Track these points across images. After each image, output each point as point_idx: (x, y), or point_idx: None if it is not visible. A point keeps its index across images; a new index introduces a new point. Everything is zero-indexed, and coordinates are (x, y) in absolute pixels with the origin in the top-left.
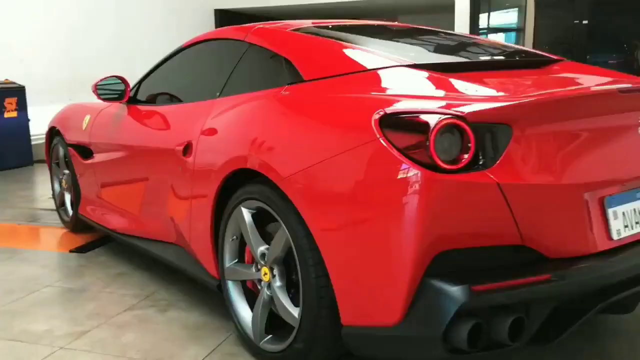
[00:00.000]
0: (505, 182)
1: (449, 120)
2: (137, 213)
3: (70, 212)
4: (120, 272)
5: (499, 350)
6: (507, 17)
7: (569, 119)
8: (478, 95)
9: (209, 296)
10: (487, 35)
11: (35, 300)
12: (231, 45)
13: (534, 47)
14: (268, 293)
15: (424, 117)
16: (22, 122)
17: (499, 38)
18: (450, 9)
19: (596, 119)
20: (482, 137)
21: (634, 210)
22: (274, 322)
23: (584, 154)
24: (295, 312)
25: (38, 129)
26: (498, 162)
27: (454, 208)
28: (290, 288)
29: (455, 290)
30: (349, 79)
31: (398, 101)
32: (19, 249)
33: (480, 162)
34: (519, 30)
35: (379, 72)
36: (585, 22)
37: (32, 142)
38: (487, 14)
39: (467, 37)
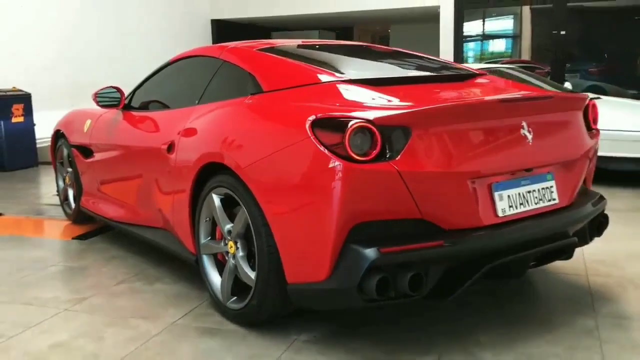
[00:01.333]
0: (405, 170)
1: (360, 124)
2: (131, 203)
3: (73, 205)
4: (115, 255)
5: (404, 299)
6: (503, 24)
7: (459, 122)
8: (389, 104)
9: (190, 274)
10: (482, 41)
11: (43, 276)
12: (209, 61)
13: (531, 53)
14: (233, 262)
15: (342, 121)
16: (28, 126)
17: (500, 45)
18: (437, 18)
19: (484, 122)
20: (388, 136)
21: (518, 194)
22: (238, 287)
23: (472, 149)
24: (252, 275)
25: (43, 133)
26: (400, 155)
27: (366, 190)
28: (250, 258)
29: (367, 252)
30: (297, 91)
31: (327, 109)
32: (27, 237)
33: (387, 155)
34: (516, 37)
35: (321, 85)
36: (562, 32)
37: (37, 145)
38: (481, 21)
39: (411, 55)
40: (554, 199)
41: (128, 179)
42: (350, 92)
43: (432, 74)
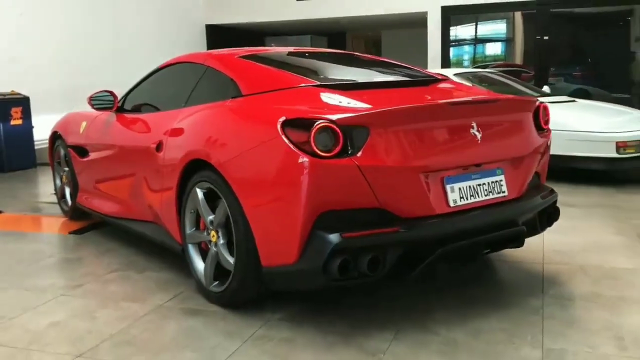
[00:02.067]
0: (364, 165)
1: (324, 124)
2: (124, 199)
3: (70, 202)
4: (109, 247)
5: (364, 279)
6: (497, 27)
7: (414, 122)
8: (352, 107)
9: (178, 263)
10: (474, 45)
11: (41, 266)
12: (195, 67)
13: (523, 57)
14: (215, 249)
15: (309, 121)
16: (27, 129)
17: (494, 48)
18: (426, 24)
19: (436, 122)
20: (349, 134)
21: (469, 186)
22: (219, 272)
23: (425, 146)
24: (232, 260)
25: (41, 135)
26: (360, 151)
27: (329, 182)
28: (230, 245)
29: (331, 237)
30: (272, 95)
31: (296, 110)
32: (27, 232)
33: (349, 152)
34: (509, 40)
35: (294, 90)
36: (545, 37)
37: (36, 147)
38: (475, 25)
39: (384, 62)
40: (503, 192)
41: (121, 176)
42: (320, 96)
43: (398, 79)
